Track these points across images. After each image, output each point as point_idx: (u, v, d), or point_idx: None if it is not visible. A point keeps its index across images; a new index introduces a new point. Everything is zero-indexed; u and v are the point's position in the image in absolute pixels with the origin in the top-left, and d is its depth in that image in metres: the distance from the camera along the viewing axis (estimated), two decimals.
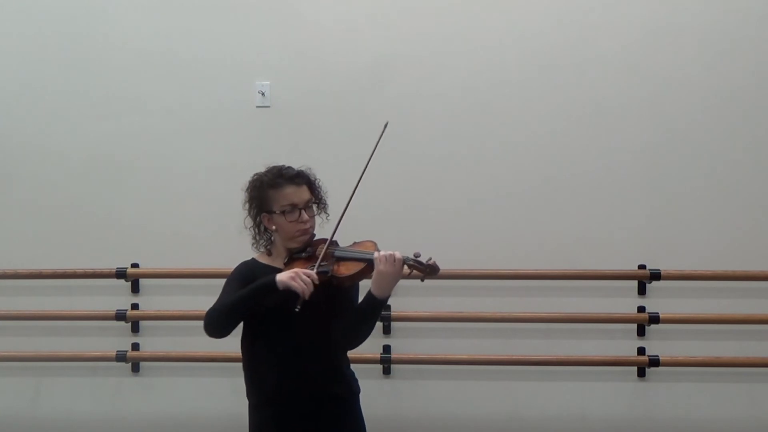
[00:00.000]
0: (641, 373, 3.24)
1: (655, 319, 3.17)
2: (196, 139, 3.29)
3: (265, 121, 3.28)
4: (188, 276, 3.27)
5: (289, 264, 2.21)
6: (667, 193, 3.21)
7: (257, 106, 3.27)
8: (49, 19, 3.31)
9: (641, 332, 3.22)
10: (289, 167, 2.25)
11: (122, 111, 3.30)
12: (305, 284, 1.99)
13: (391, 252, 2.05)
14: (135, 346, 3.32)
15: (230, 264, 3.21)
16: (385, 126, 2.25)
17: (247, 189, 2.29)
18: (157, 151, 3.30)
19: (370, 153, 2.22)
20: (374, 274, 2.06)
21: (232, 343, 3.26)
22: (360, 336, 2.16)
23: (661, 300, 3.20)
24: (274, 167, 2.26)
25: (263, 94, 3.26)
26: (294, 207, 2.18)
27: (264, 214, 2.23)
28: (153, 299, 3.31)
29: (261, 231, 2.28)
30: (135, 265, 3.29)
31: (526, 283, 3.21)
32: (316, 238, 2.27)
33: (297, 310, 1.99)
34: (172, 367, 3.32)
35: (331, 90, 3.26)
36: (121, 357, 3.27)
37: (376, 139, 2.24)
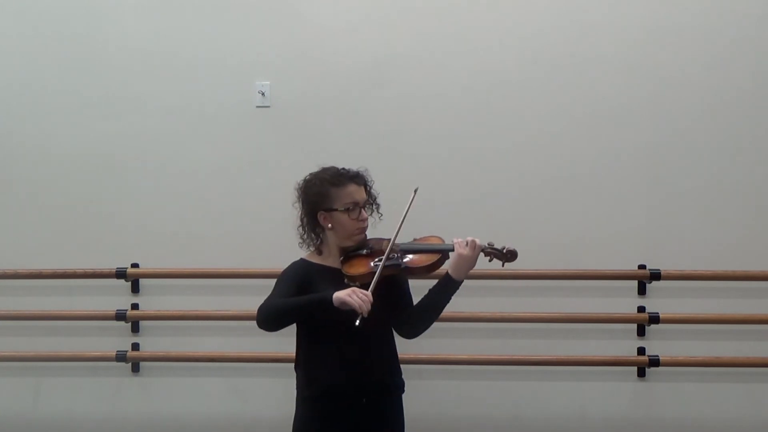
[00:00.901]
0: (641, 373, 3.24)
1: (655, 319, 3.17)
2: (196, 139, 3.29)
3: (265, 121, 3.28)
4: (188, 276, 3.27)
5: (346, 262, 2.24)
6: (667, 193, 3.21)
7: (257, 106, 3.27)
8: (49, 20, 3.31)
9: (641, 332, 3.22)
10: (346, 168, 2.30)
11: (122, 111, 3.30)
12: (362, 302, 2.01)
13: (470, 238, 2.19)
14: (135, 346, 3.32)
15: (231, 264, 3.24)
16: (416, 191, 2.34)
17: (302, 187, 2.31)
18: (157, 151, 3.30)
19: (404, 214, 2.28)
20: (455, 257, 2.17)
21: (232, 343, 3.29)
22: (433, 319, 2.26)
23: (661, 300, 3.20)
24: (330, 167, 2.30)
25: (263, 94, 3.26)
26: (356, 205, 2.23)
27: (322, 212, 2.25)
28: (153, 299, 3.31)
29: (311, 229, 2.29)
30: (135, 265, 3.29)
31: (526, 283, 3.21)
32: (369, 238, 2.31)
33: (357, 324, 2.01)
34: (172, 367, 3.32)
35: (331, 90, 3.26)
36: (121, 357, 3.27)
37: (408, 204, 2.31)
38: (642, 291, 3.22)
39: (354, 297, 2.01)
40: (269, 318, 2.15)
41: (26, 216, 3.33)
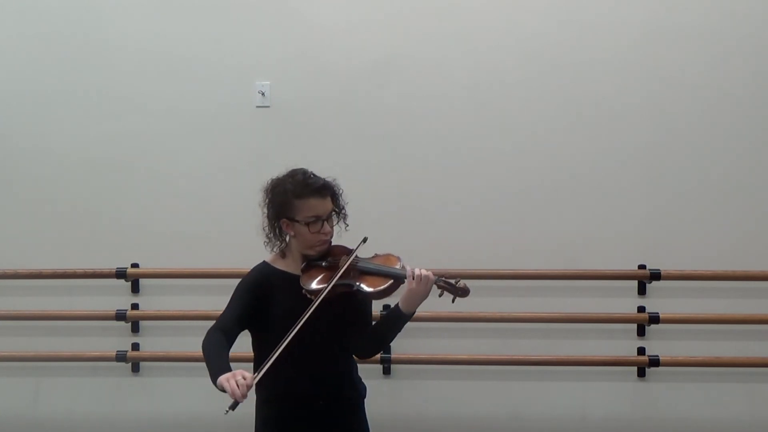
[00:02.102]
0: (641, 373, 3.24)
1: (655, 319, 3.17)
2: (196, 139, 3.29)
3: (265, 121, 3.28)
4: (188, 276, 3.27)
5: (306, 272, 2.21)
6: (667, 193, 3.21)
7: (257, 106, 3.27)
8: (49, 20, 3.31)
9: (641, 332, 3.22)
10: (314, 176, 2.21)
11: (122, 111, 3.30)
12: (238, 387, 1.94)
13: (424, 272, 2.08)
14: (135, 346, 3.32)
15: (230, 264, 3.23)
16: (364, 240, 2.24)
17: (267, 191, 2.25)
18: (157, 151, 3.30)
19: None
20: (405, 291, 2.10)
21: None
22: (381, 347, 2.28)
23: (661, 300, 3.20)
24: (298, 173, 2.21)
25: (263, 94, 3.26)
26: (318, 219, 2.17)
27: (284, 219, 2.21)
28: (153, 299, 3.31)
29: (276, 233, 2.25)
30: (135, 265, 3.29)
31: (526, 283, 3.21)
32: (334, 245, 2.27)
33: (226, 413, 1.95)
34: (172, 367, 3.32)
35: (331, 90, 3.25)
36: (121, 357, 3.27)
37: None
38: (642, 291, 3.22)
39: (231, 383, 1.95)
40: (203, 350, 2.23)
41: (26, 216, 3.33)
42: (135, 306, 3.32)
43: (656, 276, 3.16)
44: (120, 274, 3.25)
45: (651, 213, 3.22)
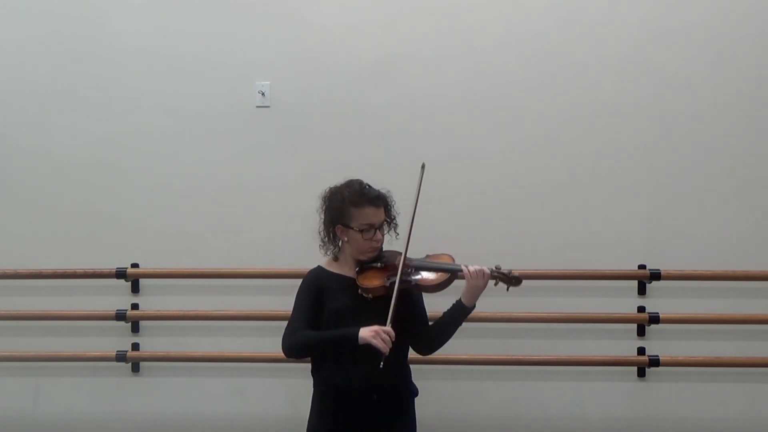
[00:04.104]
0: (641, 373, 3.24)
1: (655, 319, 3.17)
2: (196, 139, 3.29)
3: (265, 121, 3.28)
4: (188, 276, 3.27)
5: (361, 273, 2.34)
6: (667, 193, 3.21)
7: (257, 106, 3.27)
8: (50, 20, 3.31)
9: (641, 332, 3.22)
10: (369, 187, 2.36)
11: (122, 111, 3.30)
12: (386, 343, 2.15)
13: (480, 267, 2.30)
14: (135, 346, 3.32)
15: (230, 264, 3.24)
16: (423, 166, 2.45)
17: (325, 198, 2.39)
18: (157, 151, 3.30)
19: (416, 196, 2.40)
20: (466, 287, 2.31)
21: (232, 343, 3.28)
22: (445, 340, 2.41)
23: (661, 300, 3.20)
24: (355, 183, 2.36)
25: (263, 94, 3.26)
26: (371, 227, 2.31)
27: (339, 225, 2.34)
28: (153, 299, 3.31)
29: (331, 238, 2.39)
30: (135, 265, 3.29)
31: (526, 283, 3.16)
32: (384, 250, 2.41)
33: (381, 366, 2.15)
34: (172, 367, 3.32)
35: (331, 90, 3.25)
36: (121, 357, 3.27)
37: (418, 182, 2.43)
38: (642, 291, 3.22)
39: (378, 339, 2.15)
40: (295, 351, 2.31)
41: (26, 216, 3.33)
42: (135, 306, 3.31)
43: (656, 276, 3.16)
44: (120, 274, 3.24)
45: (651, 213, 3.22)
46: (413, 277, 2.32)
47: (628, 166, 3.21)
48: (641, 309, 3.22)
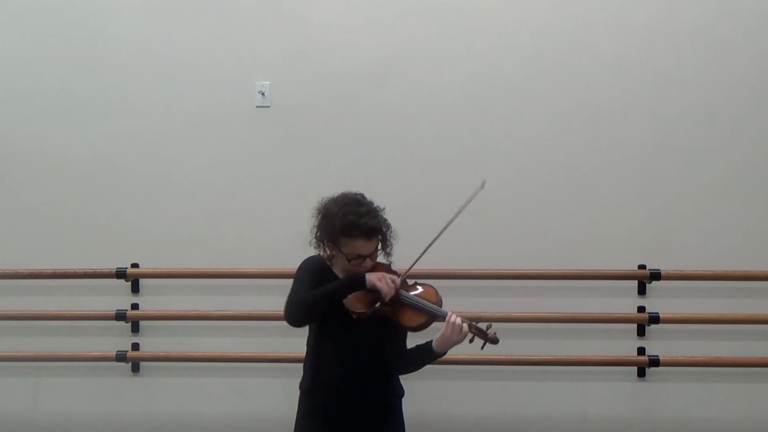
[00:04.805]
0: (641, 373, 3.24)
1: (655, 319, 3.17)
2: (197, 139, 3.29)
3: (265, 121, 3.28)
4: (188, 276, 3.27)
5: None
6: (667, 193, 3.21)
7: (257, 106, 3.27)
8: (50, 21, 3.30)
9: (641, 332, 3.22)
10: (365, 215, 2.25)
11: (122, 111, 3.30)
12: (389, 288, 2.18)
13: (458, 321, 2.21)
14: (135, 346, 3.32)
15: (230, 264, 3.24)
16: (482, 185, 2.42)
17: (320, 211, 2.33)
18: (158, 151, 3.30)
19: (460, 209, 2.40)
20: (440, 335, 2.24)
21: (232, 343, 3.29)
22: (408, 371, 2.41)
23: (661, 300, 3.20)
24: (350, 211, 2.25)
25: (263, 94, 3.26)
26: (359, 257, 2.26)
27: (330, 243, 2.30)
28: (153, 299, 3.31)
29: (322, 247, 2.36)
30: (135, 265, 3.29)
31: (526, 283, 3.21)
32: (378, 263, 2.37)
33: (354, 317, 2.20)
34: (172, 367, 3.32)
35: (331, 90, 3.25)
36: (121, 357, 3.27)
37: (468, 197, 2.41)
38: (642, 291, 3.22)
39: (383, 283, 2.17)
40: (301, 311, 2.24)
41: (26, 216, 3.33)
42: (135, 306, 3.31)
43: (656, 276, 3.16)
44: (120, 274, 3.24)
45: (651, 213, 3.22)
46: (393, 315, 2.26)
47: (628, 166, 3.21)
48: (641, 309, 3.22)
